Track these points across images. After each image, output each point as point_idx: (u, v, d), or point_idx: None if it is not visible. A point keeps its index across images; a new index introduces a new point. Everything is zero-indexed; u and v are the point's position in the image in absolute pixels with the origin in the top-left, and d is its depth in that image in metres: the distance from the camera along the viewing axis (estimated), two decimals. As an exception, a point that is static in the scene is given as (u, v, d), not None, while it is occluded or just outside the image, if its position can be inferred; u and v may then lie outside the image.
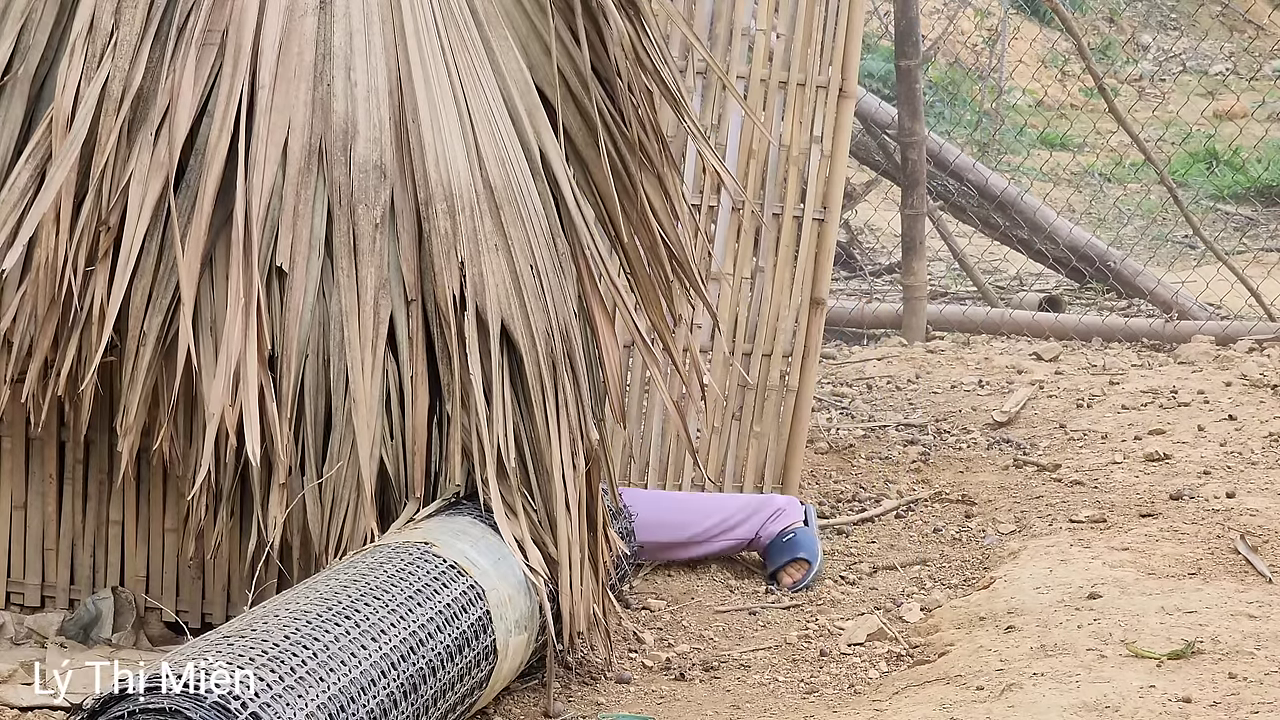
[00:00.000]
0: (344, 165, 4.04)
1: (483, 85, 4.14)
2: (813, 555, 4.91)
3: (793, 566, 4.90)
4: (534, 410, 4.01)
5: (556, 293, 4.09)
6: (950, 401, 6.62)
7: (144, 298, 3.99)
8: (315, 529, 3.97)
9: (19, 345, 4.02)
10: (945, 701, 3.79)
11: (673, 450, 5.36)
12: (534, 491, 4.01)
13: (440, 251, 4.01)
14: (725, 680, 4.22)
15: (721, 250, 5.25)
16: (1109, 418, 6.30)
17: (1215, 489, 5.31)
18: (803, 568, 4.89)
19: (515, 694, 4.02)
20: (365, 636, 3.40)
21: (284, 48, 4.07)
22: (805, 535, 4.94)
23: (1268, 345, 7.24)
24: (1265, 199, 10.75)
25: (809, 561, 4.89)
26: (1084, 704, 3.63)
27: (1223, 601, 4.24)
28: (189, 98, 4.01)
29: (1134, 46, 15.11)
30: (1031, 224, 8.42)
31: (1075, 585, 4.43)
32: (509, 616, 3.80)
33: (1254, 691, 3.67)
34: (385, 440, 3.98)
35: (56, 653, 4.06)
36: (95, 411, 4.07)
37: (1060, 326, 7.77)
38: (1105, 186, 10.99)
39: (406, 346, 4.01)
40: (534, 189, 4.12)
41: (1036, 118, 12.45)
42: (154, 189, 3.99)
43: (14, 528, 4.31)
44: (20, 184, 4.02)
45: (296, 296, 3.99)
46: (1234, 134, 10.35)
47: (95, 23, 4.05)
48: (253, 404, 3.88)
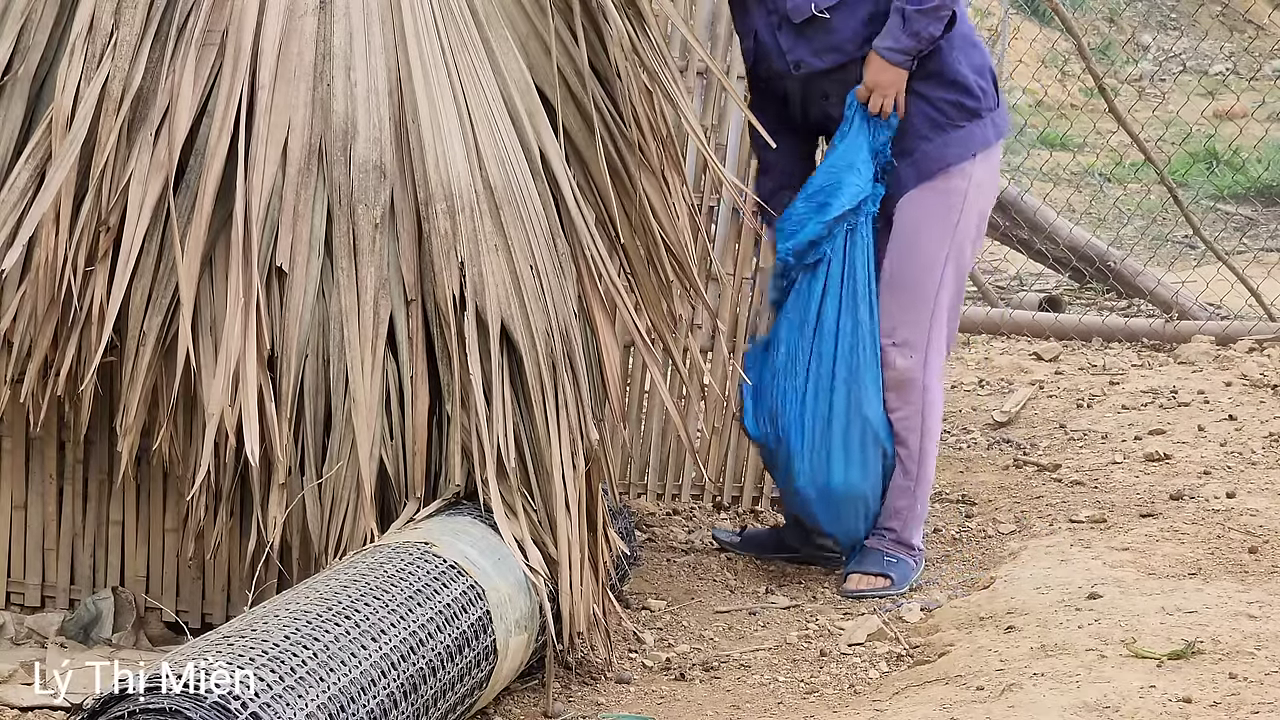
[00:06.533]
0: (344, 165, 4.04)
1: (483, 85, 4.14)
2: (902, 580, 4.79)
3: (873, 576, 4.80)
4: (534, 410, 4.02)
5: (556, 293, 4.09)
6: (950, 401, 6.62)
7: (144, 298, 3.99)
8: (315, 529, 3.97)
9: (19, 345, 4.02)
10: (945, 701, 3.79)
11: (673, 450, 5.36)
12: (534, 491, 4.01)
13: (440, 251, 4.01)
14: (725, 680, 4.22)
15: (721, 250, 5.25)
16: (1109, 418, 6.30)
17: (1215, 489, 5.31)
18: (880, 582, 4.78)
19: (515, 694, 4.02)
20: (365, 636, 3.40)
21: (284, 48, 4.07)
22: (906, 562, 4.83)
23: (1268, 345, 7.24)
24: (1265, 199, 10.75)
25: (891, 579, 4.78)
26: (1084, 704, 3.63)
27: (1223, 601, 4.24)
28: (189, 98, 4.01)
29: (1134, 46, 15.12)
30: (1031, 224, 8.41)
31: (1075, 585, 4.43)
32: (509, 616, 3.80)
33: (1254, 691, 3.67)
34: (385, 440, 3.98)
35: (56, 653, 4.06)
36: (95, 411, 4.07)
37: (1060, 326, 7.77)
38: (1105, 186, 10.99)
39: (406, 346, 4.01)
40: (534, 189, 4.12)
41: (1036, 118, 12.44)
42: (154, 189, 3.99)
43: (14, 528, 4.31)
44: (20, 184, 4.02)
45: (296, 296, 3.99)
46: (1234, 134, 10.34)
47: (95, 23, 4.05)
48: (252, 404, 3.88)
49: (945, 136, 4.73)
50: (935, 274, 4.75)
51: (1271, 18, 15.91)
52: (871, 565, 4.82)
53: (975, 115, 4.75)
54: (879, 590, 4.76)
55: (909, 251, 4.73)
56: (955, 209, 4.75)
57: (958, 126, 4.73)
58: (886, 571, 4.79)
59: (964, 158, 4.74)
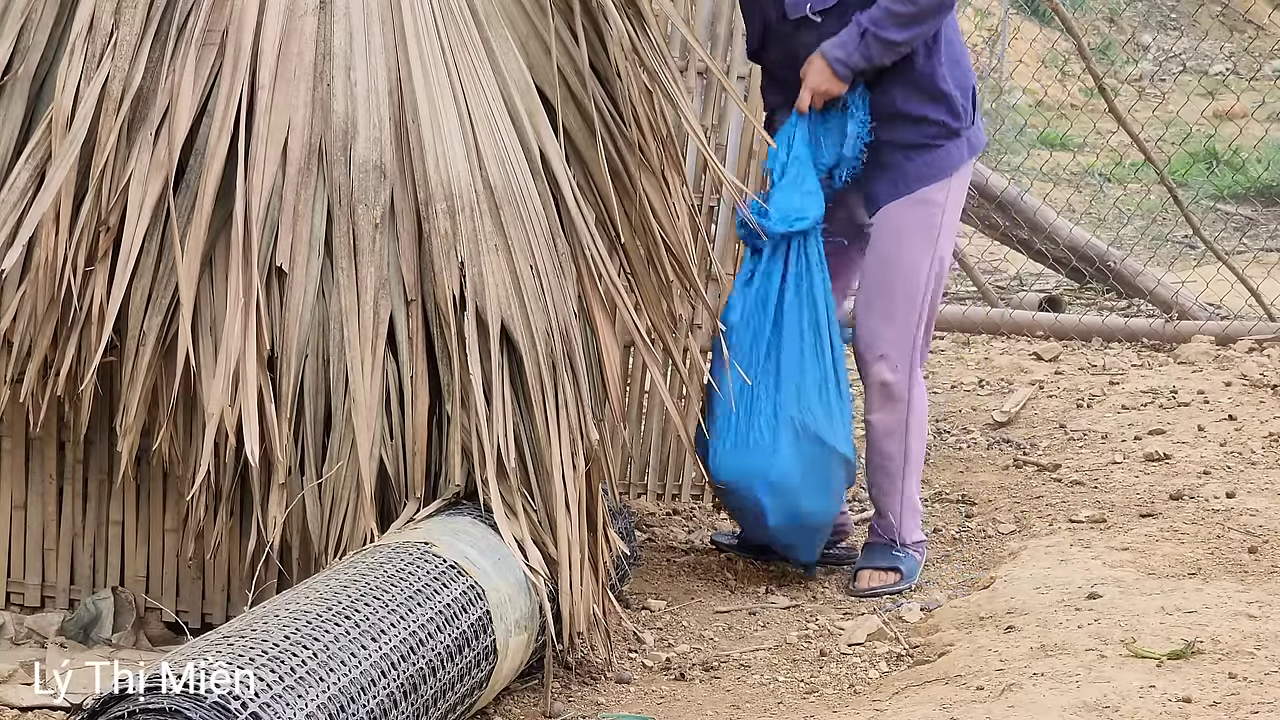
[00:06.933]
0: (344, 165, 4.04)
1: (483, 85, 4.14)
2: (911, 573, 4.83)
3: (884, 572, 4.82)
4: (534, 410, 4.02)
5: (556, 293, 4.09)
6: (950, 401, 6.62)
7: (144, 298, 3.99)
8: (315, 529, 3.97)
9: (19, 345, 4.02)
10: (945, 701, 3.79)
11: (673, 450, 5.36)
12: (534, 491, 4.01)
13: (440, 251, 4.01)
14: (725, 680, 4.22)
15: (721, 250, 5.25)
16: (1109, 418, 6.30)
17: (1215, 489, 5.31)
18: (891, 577, 4.81)
19: (515, 694, 4.02)
20: (365, 636, 3.40)
21: (284, 48, 4.07)
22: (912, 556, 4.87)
23: (1268, 345, 7.24)
24: (1265, 199, 10.75)
25: (901, 573, 4.82)
26: (1084, 704, 3.63)
27: (1223, 601, 4.24)
28: (189, 98, 4.01)
29: (1134, 46, 15.12)
30: (1031, 224, 8.41)
31: (1075, 585, 4.43)
32: (509, 616, 3.80)
33: (1254, 691, 3.67)
34: (385, 440, 3.98)
35: (56, 653, 4.06)
36: (95, 411, 4.07)
37: (1060, 326, 7.76)
38: (1105, 186, 10.99)
39: (406, 346, 4.01)
40: (534, 189, 4.12)
41: (1036, 118, 12.44)
42: (154, 189, 3.99)
43: (14, 528, 4.31)
44: (20, 184, 4.02)
45: (296, 296, 3.99)
46: (1234, 134, 10.34)
47: (95, 23, 4.05)
48: (252, 404, 3.88)
49: (926, 156, 4.74)
50: (919, 283, 4.75)
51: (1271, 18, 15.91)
52: (881, 560, 4.83)
53: (955, 135, 4.77)
54: (890, 585, 4.78)
55: (892, 263, 4.73)
56: (936, 220, 4.76)
57: (937, 146, 4.75)
58: (896, 565, 4.82)
59: (941, 176, 4.76)
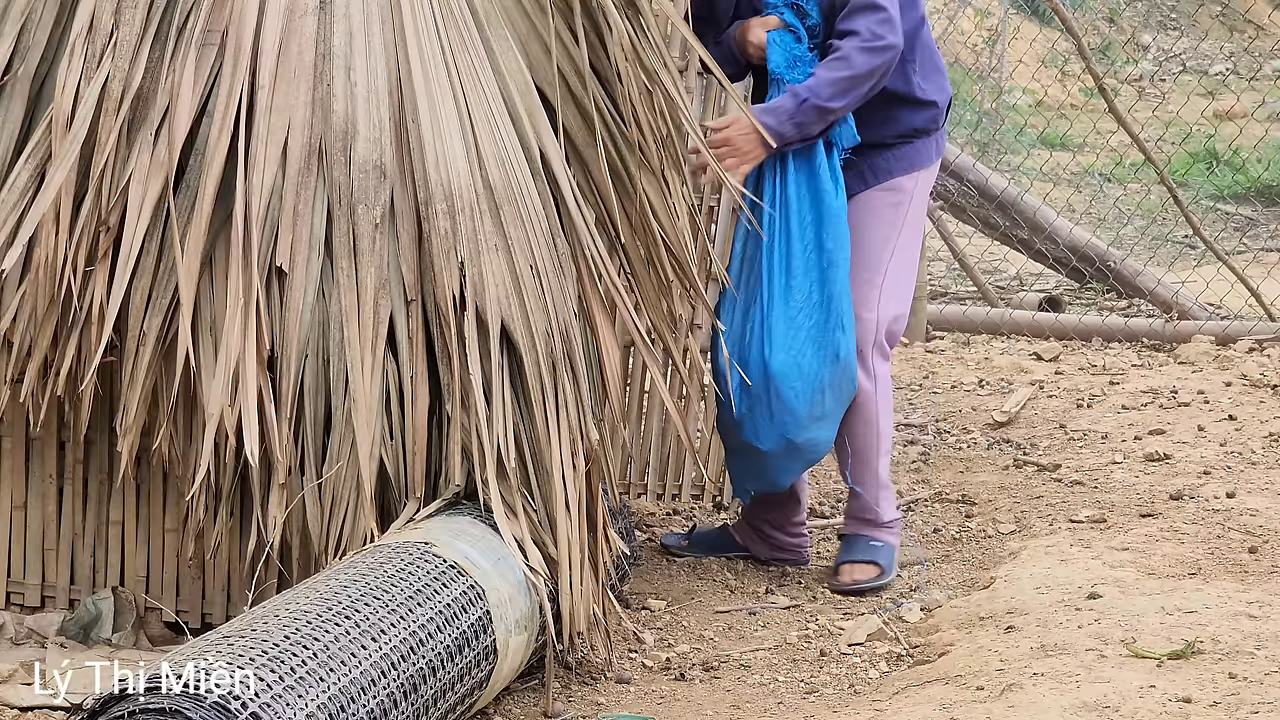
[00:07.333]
0: (344, 165, 4.04)
1: (483, 85, 4.14)
2: (889, 565, 4.87)
3: (863, 565, 4.86)
4: (534, 410, 4.02)
5: (556, 293, 4.09)
6: (950, 401, 6.62)
7: (144, 298, 3.99)
8: (315, 529, 3.97)
9: (19, 345, 4.02)
10: (945, 701, 3.79)
11: (673, 450, 5.36)
12: (534, 491, 4.01)
13: (440, 251, 4.01)
14: (725, 680, 4.22)
15: (721, 250, 5.25)
16: (1109, 418, 6.30)
17: (1215, 489, 5.31)
18: (871, 570, 4.84)
19: (515, 694, 4.02)
20: (365, 636, 3.40)
21: (284, 48, 4.07)
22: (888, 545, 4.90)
23: (1268, 345, 7.24)
24: (1265, 199, 10.76)
25: (880, 567, 4.85)
26: (1084, 704, 3.63)
27: (1223, 601, 4.24)
28: (189, 98, 4.01)
29: (1134, 46, 15.12)
30: (1031, 224, 8.42)
31: (1075, 585, 4.43)
32: (509, 617, 3.80)
33: (1254, 691, 3.67)
34: (385, 440, 3.98)
35: (56, 653, 4.06)
36: (95, 411, 4.07)
37: (1060, 326, 7.77)
38: (1105, 186, 10.99)
39: (406, 346, 4.01)
40: (534, 189, 4.12)
41: (1036, 118, 12.45)
42: (154, 189, 3.99)
43: (14, 528, 4.31)
44: (20, 184, 4.02)
45: (296, 296, 3.99)
46: (1234, 134, 10.35)
47: (95, 23, 4.05)
48: (252, 404, 3.88)
49: (898, 151, 4.89)
50: (881, 260, 4.83)
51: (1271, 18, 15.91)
52: (859, 554, 4.87)
53: (926, 134, 4.91)
54: (871, 580, 4.82)
55: (855, 243, 4.81)
56: (902, 206, 4.88)
57: (909, 143, 4.89)
58: (874, 559, 4.85)
59: (911, 170, 4.89)
